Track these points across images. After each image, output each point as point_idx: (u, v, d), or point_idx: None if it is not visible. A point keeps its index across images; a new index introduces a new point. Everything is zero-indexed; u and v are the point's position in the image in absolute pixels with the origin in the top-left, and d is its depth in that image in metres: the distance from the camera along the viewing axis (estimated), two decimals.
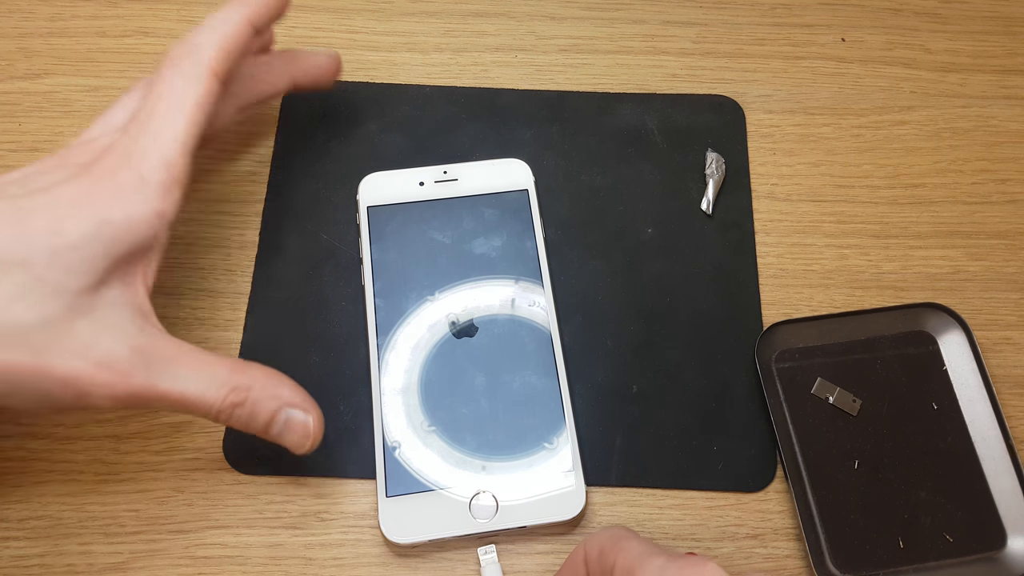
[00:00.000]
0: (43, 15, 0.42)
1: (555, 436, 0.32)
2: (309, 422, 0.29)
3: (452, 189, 0.36)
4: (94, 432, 0.33)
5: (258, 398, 0.27)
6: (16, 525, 0.31)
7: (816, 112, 0.41)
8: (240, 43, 0.29)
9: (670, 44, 0.43)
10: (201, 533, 0.31)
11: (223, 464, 0.33)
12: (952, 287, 0.37)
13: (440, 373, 0.33)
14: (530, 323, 0.34)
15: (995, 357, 0.36)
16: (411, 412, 0.32)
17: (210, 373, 0.27)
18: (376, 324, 0.34)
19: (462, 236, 0.36)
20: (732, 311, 0.36)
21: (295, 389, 0.29)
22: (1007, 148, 0.41)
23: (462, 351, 0.34)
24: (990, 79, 0.42)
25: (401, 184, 0.36)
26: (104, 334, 0.25)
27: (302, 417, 0.28)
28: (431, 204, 0.36)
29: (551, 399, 0.33)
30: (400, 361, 0.33)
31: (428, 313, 0.34)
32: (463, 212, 0.36)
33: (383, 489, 0.31)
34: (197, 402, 0.26)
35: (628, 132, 0.40)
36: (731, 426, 0.34)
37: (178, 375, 0.26)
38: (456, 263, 0.35)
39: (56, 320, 0.24)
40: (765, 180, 0.39)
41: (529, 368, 0.33)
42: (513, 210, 0.36)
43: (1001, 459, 0.33)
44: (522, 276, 0.35)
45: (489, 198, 0.36)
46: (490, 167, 0.37)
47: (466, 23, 0.43)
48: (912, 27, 0.44)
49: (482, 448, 0.32)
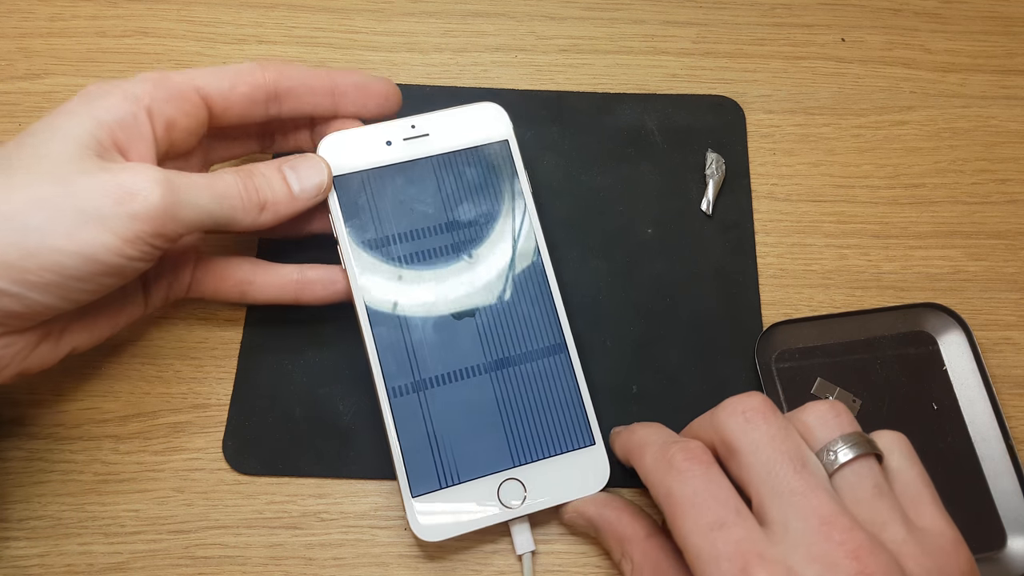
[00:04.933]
0: (43, 15, 0.42)
1: (570, 408, 0.31)
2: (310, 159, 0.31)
3: (424, 147, 0.33)
4: (93, 432, 0.33)
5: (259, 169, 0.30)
6: (16, 525, 0.31)
7: (816, 112, 0.41)
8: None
9: (670, 44, 0.43)
10: (201, 533, 0.31)
11: (223, 464, 0.33)
12: (952, 287, 0.37)
13: (445, 361, 0.31)
14: (530, 296, 0.32)
15: (995, 357, 0.36)
16: (422, 407, 0.31)
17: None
18: (368, 314, 0.31)
19: (444, 203, 0.32)
20: (732, 311, 0.36)
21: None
22: (1007, 148, 0.41)
23: (464, 333, 0.31)
24: (990, 79, 0.42)
25: (366, 145, 0.32)
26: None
27: (305, 160, 0.31)
28: (404, 168, 0.32)
29: (562, 372, 0.32)
30: (400, 353, 0.31)
31: (421, 295, 0.32)
32: (441, 175, 0.33)
33: (407, 489, 0.30)
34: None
35: (628, 132, 0.40)
36: None
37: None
38: (442, 236, 0.32)
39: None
40: (765, 180, 0.39)
41: (536, 348, 0.32)
42: (495, 166, 0.33)
43: (1001, 459, 0.33)
44: (516, 241, 0.33)
45: (467, 155, 0.33)
46: (462, 116, 0.33)
47: (466, 23, 0.43)
48: (912, 27, 0.44)
49: (500, 433, 0.31)
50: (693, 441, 0.26)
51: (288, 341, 0.35)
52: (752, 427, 0.25)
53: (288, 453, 0.33)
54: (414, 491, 0.30)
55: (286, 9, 0.42)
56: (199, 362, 0.34)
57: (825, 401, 0.26)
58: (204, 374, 0.34)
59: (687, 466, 0.25)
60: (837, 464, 0.24)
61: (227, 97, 0.30)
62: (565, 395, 0.31)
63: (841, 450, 0.24)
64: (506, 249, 0.32)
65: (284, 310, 0.34)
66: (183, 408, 0.34)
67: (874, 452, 0.25)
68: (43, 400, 0.33)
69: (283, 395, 0.34)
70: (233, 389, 0.34)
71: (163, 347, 0.35)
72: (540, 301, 0.32)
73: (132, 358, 0.34)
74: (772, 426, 0.25)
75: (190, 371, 0.34)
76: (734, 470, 0.25)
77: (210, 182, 0.28)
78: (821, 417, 0.25)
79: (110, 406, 0.33)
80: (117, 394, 0.34)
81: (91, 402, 0.34)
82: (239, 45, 0.41)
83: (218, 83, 0.30)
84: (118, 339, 0.35)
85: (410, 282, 0.32)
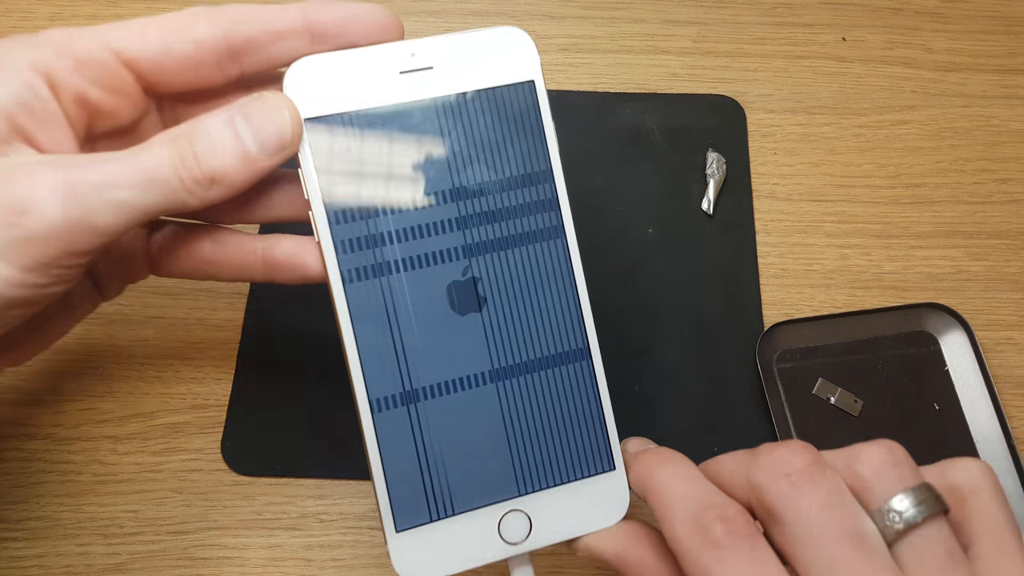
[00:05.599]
0: (42, 14, 0.41)
1: (589, 426, 0.26)
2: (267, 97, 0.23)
3: (427, 85, 0.25)
4: (92, 433, 0.33)
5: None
6: (14, 526, 0.31)
7: (817, 112, 0.41)
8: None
9: (671, 43, 0.43)
10: (200, 534, 0.31)
11: (221, 465, 0.33)
12: (953, 287, 0.37)
13: (443, 367, 0.25)
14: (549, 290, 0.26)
15: (996, 357, 0.36)
16: (412, 424, 0.25)
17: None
18: (348, 304, 0.24)
19: (450, 163, 0.25)
20: (733, 311, 0.36)
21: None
22: (1008, 148, 0.41)
23: (467, 333, 0.25)
24: (991, 79, 0.42)
25: (349, 78, 0.24)
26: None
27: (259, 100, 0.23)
28: (399, 113, 0.25)
29: (583, 383, 0.26)
30: (387, 356, 0.25)
31: (417, 282, 0.25)
32: (447, 124, 0.25)
33: (391, 524, 0.24)
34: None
35: (628, 132, 0.40)
36: (732, 427, 0.34)
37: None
38: (445, 207, 0.25)
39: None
40: (766, 180, 0.39)
41: (553, 352, 0.26)
42: (516, 115, 0.26)
43: (1003, 460, 0.33)
44: (536, 218, 0.26)
45: (481, 98, 0.25)
46: (476, 44, 0.26)
47: (466, 22, 0.43)
48: (913, 26, 0.44)
49: (505, 456, 0.25)
50: (732, 505, 0.22)
51: (287, 341, 0.35)
52: (800, 494, 0.21)
53: (287, 454, 0.33)
54: (399, 525, 0.24)
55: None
56: (198, 362, 0.34)
57: (880, 445, 0.22)
58: (203, 374, 0.34)
59: (729, 541, 0.21)
60: (901, 527, 0.20)
61: (159, 62, 0.23)
62: (584, 411, 0.26)
63: (906, 511, 0.20)
64: (524, 228, 0.26)
65: (283, 309, 0.34)
66: (182, 409, 0.33)
67: (943, 508, 0.21)
68: (41, 400, 0.33)
69: (282, 395, 0.34)
70: (232, 389, 0.34)
71: (162, 347, 0.34)
72: (562, 296, 0.26)
73: (131, 358, 0.34)
74: (822, 491, 0.21)
75: (189, 371, 0.34)
76: (778, 539, 0.21)
77: (133, 168, 0.22)
78: (878, 468, 0.21)
79: (108, 406, 0.33)
80: (115, 394, 0.34)
81: (89, 402, 0.33)
82: None
83: (143, 44, 0.23)
84: (116, 339, 0.34)
85: (402, 266, 0.25)
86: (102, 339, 0.35)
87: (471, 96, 0.25)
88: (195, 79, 0.24)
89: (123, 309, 0.35)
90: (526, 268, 0.26)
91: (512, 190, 0.26)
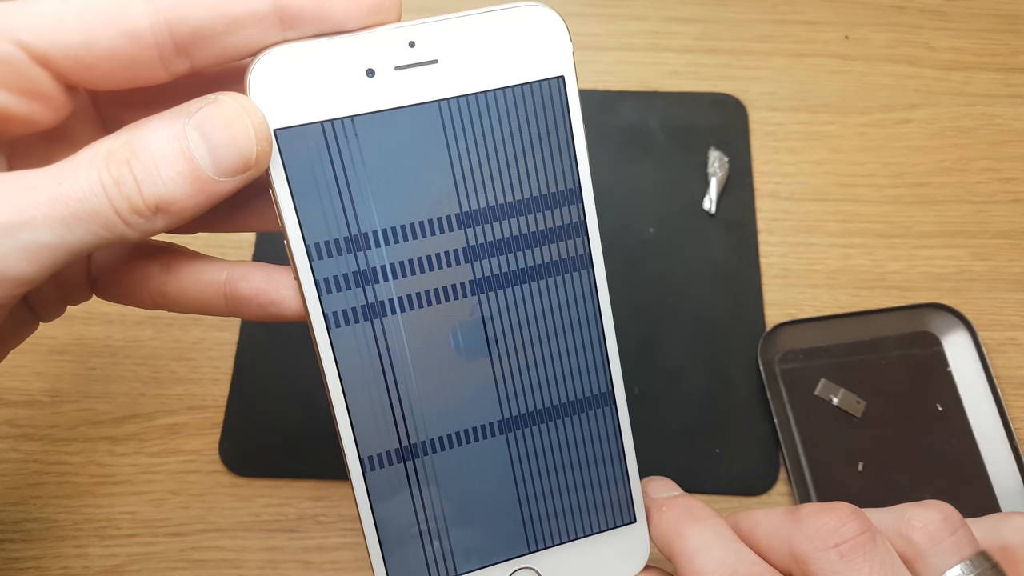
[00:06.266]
0: None
1: (610, 477, 0.23)
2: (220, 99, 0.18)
3: (429, 82, 0.20)
4: (89, 434, 0.33)
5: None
6: (11, 527, 0.31)
7: (820, 110, 0.41)
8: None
9: (672, 41, 0.42)
10: (197, 536, 0.31)
11: (219, 467, 0.32)
12: (957, 287, 0.37)
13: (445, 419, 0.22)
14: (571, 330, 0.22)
15: (1000, 358, 0.36)
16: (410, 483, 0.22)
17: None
18: (332, 349, 0.21)
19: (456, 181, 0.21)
20: (735, 311, 0.36)
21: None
22: (1012, 147, 0.40)
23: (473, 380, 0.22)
24: (995, 77, 0.42)
25: (332, 73, 0.19)
26: None
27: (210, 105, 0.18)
28: (394, 118, 0.20)
29: (605, 432, 0.23)
30: (381, 409, 0.21)
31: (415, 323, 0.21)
32: (454, 132, 0.20)
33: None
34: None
35: (630, 130, 0.40)
36: (734, 428, 0.34)
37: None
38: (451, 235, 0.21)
39: None
40: (768, 179, 0.39)
41: (572, 399, 0.23)
42: (541, 120, 0.21)
43: (1006, 461, 0.33)
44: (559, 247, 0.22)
45: (497, 99, 0.20)
46: (491, 28, 0.20)
47: None
48: (916, 25, 0.43)
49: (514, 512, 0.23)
50: (771, 573, 0.20)
51: (285, 341, 0.34)
52: (851, 568, 0.19)
53: (285, 455, 0.33)
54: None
55: None
56: (195, 363, 0.34)
57: (936, 510, 0.21)
58: (200, 375, 0.34)
59: None
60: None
61: (81, 59, 0.18)
62: (605, 461, 0.23)
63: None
64: (545, 259, 0.22)
65: None
66: (179, 410, 0.33)
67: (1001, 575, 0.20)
68: (38, 402, 0.33)
69: (280, 396, 0.33)
70: (230, 391, 0.34)
71: (158, 348, 0.34)
72: (586, 335, 0.22)
73: (127, 359, 0.34)
74: (876, 566, 0.19)
75: (186, 372, 0.34)
76: None
77: (52, 198, 0.17)
78: (933, 535, 0.20)
79: (105, 408, 0.33)
80: (113, 396, 0.33)
81: (87, 404, 0.33)
82: None
83: (60, 36, 0.18)
84: (113, 340, 0.34)
85: (399, 306, 0.21)
86: (99, 340, 0.34)
87: (485, 97, 0.20)
88: (131, 78, 0.19)
89: (120, 309, 0.35)
90: (545, 305, 0.22)
91: (532, 213, 0.21)
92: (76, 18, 0.18)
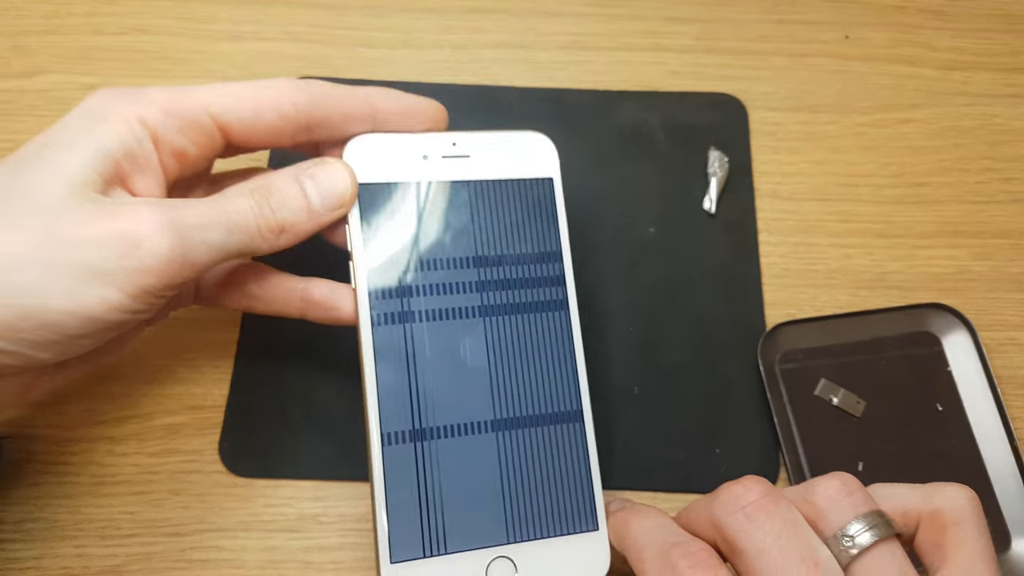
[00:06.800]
0: (39, 12, 0.41)
1: (577, 485, 0.27)
2: (329, 164, 0.27)
3: (462, 169, 0.29)
4: (90, 434, 0.33)
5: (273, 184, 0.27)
6: (12, 527, 0.31)
7: (820, 110, 0.41)
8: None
9: (672, 41, 0.42)
10: (197, 536, 0.31)
11: (219, 467, 0.32)
12: (957, 287, 0.37)
13: (450, 411, 0.27)
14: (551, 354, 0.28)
15: (1000, 358, 0.36)
16: (417, 460, 0.27)
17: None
18: (373, 345, 0.27)
19: (475, 236, 0.29)
20: (735, 311, 0.36)
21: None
22: (1012, 147, 0.40)
23: (475, 383, 0.28)
24: (994, 77, 0.42)
25: (400, 155, 0.29)
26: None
27: (323, 167, 0.27)
28: (438, 188, 0.29)
29: (574, 443, 0.28)
30: (402, 396, 0.27)
31: (435, 333, 0.28)
32: (476, 203, 0.29)
33: (386, 554, 0.26)
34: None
35: (630, 130, 0.40)
36: (734, 428, 0.34)
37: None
38: (467, 272, 0.29)
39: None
40: (768, 179, 0.39)
41: (550, 411, 0.28)
42: (535, 205, 0.30)
43: (1005, 461, 0.33)
44: (544, 292, 0.29)
45: (507, 187, 0.29)
46: (507, 142, 0.30)
47: (465, 19, 0.42)
48: (916, 24, 0.43)
49: (498, 503, 0.27)
50: (696, 542, 0.23)
51: (285, 342, 0.34)
52: (755, 525, 0.22)
53: (285, 455, 0.33)
54: (394, 556, 0.25)
55: (283, 5, 0.42)
56: (195, 363, 0.34)
57: (835, 477, 0.23)
58: (200, 375, 0.34)
59: (691, 574, 0.22)
60: (855, 551, 0.22)
61: (249, 129, 0.27)
62: (573, 470, 0.28)
63: (859, 535, 0.22)
64: (533, 299, 0.29)
65: None
66: (179, 410, 0.33)
67: (895, 533, 0.22)
68: (39, 401, 0.33)
69: (280, 396, 0.33)
70: (230, 390, 0.34)
71: (159, 348, 0.34)
72: (562, 361, 0.28)
73: (128, 359, 0.34)
74: (776, 521, 0.22)
75: (186, 372, 0.34)
76: (740, 570, 0.23)
77: (222, 214, 0.25)
78: (831, 498, 0.23)
79: (106, 407, 0.33)
80: (113, 395, 0.33)
81: (87, 403, 0.33)
82: (236, 42, 0.41)
83: (238, 111, 0.26)
84: None
85: (424, 317, 0.28)
86: None
87: (499, 183, 0.30)
88: (269, 142, 0.28)
89: None
90: (531, 332, 0.29)
91: (526, 264, 0.29)
92: (251, 102, 0.26)
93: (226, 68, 0.40)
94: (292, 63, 0.41)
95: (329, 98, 0.27)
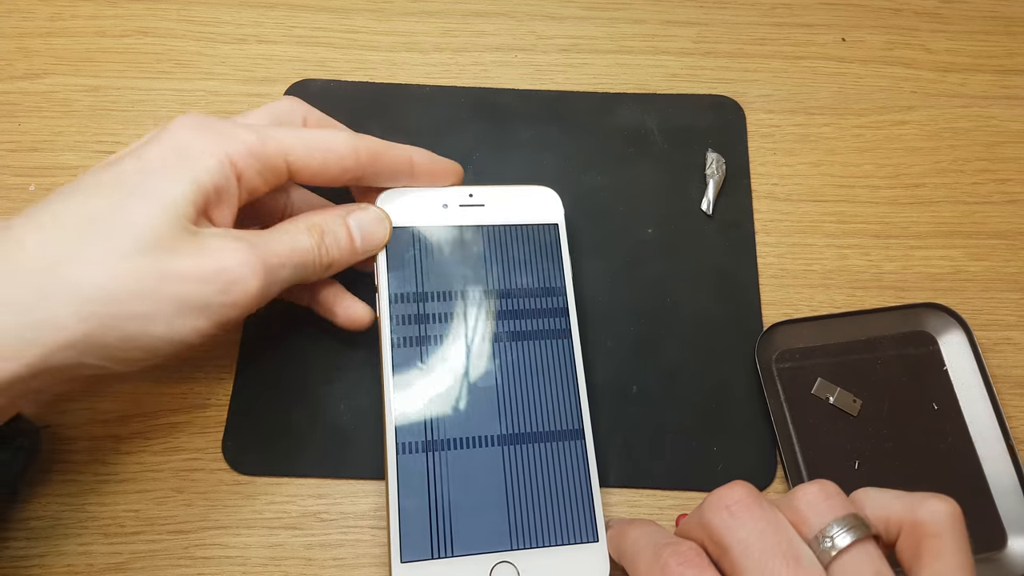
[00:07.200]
0: (42, 15, 0.42)
1: (578, 498, 0.29)
2: (373, 211, 0.31)
3: (477, 216, 0.33)
4: (94, 432, 0.33)
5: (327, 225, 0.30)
6: (16, 525, 0.31)
7: (816, 112, 0.41)
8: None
9: (670, 44, 0.43)
10: (201, 533, 0.31)
11: (222, 465, 0.33)
12: (952, 287, 0.37)
13: (460, 426, 0.30)
14: (555, 377, 0.31)
15: (995, 357, 0.36)
16: (428, 469, 0.29)
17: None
18: (392, 365, 0.30)
19: (487, 273, 0.32)
20: (732, 311, 0.36)
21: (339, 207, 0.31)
22: (1007, 148, 0.41)
23: (483, 401, 0.30)
24: (990, 79, 0.42)
25: (423, 204, 0.32)
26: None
27: (366, 215, 0.31)
28: (455, 232, 0.32)
29: (576, 459, 0.30)
30: (417, 410, 0.30)
31: (448, 355, 0.31)
32: (489, 245, 0.33)
33: (397, 554, 0.27)
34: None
35: (628, 132, 0.40)
36: (731, 427, 0.34)
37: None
38: (479, 303, 0.32)
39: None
40: (765, 180, 0.39)
41: (553, 429, 0.30)
42: (542, 247, 0.33)
43: (1001, 459, 0.33)
44: (549, 322, 0.32)
45: (517, 231, 0.33)
46: (518, 194, 0.34)
47: (466, 23, 0.43)
48: (912, 27, 0.44)
49: (503, 511, 0.29)
50: (685, 542, 0.25)
51: (288, 341, 0.35)
52: (739, 523, 0.23)
53: (288, 453, 0.33)
54: (404, 556, 0.27)
55: (286, 8, 0.42)
56: (199, 362, 0.34)
57: (815, 483, 0.24)
58: (204, 374, 0.34)
59: (681, 571, 0.23)
60: (834, 552, 0.23)
61: (313, 174, 0.29)
62: (575, 484, 0.30)
63: (837, 536, 0.23)
64: (538, 327, 0.32)
65: (283, 310, 0.34)
66: (183, 408, 0.34)
67: (871, 534, 0.23)
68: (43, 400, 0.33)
69: (283, 395, 0.34)
70: (233, 389, 0.34)
71: None
72: (565, 383, 0.31)
73: None
74: (759, 520, 0.23)
75: (190, 371, 0.34)
76: (727, 569, 0.24)
77: (292, 254, 0.28)
78: (811, 502, 0.24)
79: (110, 406, 0.33)
80: (117, 394, 0.34)
81: (91, 402, 0.33)
82: (239, 45, 0.41)
83: (308, 159, 0.29)
84: None
85: (439, 342, 0.31)
86: None
87: (510, 228, 0.33)
88: (325, 184, 0.30)
89: None
90: (536, 357, 0.31)
91: (533, 297, 0.32)
92: (322, 153, 0.29)
93: (229, 70, 0.41)
94: (294, 65, 0.41)
95: (382, 156, 0.31)
